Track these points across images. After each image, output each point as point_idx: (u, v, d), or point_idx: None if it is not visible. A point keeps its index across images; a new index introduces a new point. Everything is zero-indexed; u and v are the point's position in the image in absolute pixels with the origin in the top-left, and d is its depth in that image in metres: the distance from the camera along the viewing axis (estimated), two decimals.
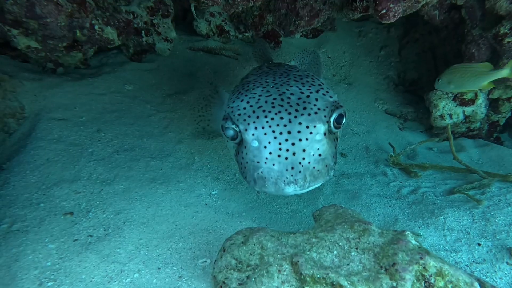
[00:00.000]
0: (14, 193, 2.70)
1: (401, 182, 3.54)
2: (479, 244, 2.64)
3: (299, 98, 1.94)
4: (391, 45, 6.20)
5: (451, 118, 4.62)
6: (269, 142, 1.83)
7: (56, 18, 3.48)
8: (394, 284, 1.50)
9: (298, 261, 1.61)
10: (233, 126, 1.95)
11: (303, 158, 1.81)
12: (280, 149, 1.81)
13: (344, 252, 1.71)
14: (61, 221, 2.51)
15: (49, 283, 2.06)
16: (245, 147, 1.94)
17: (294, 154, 1.80)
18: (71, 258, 2.23)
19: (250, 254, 1.87)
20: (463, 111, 4.61)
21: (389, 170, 3.78)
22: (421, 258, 1.55)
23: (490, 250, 2.57)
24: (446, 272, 1.54)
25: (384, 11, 3.22)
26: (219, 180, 3.30)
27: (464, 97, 4.53)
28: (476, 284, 1.52)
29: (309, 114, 1.88)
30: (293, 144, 1.81)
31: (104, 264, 2.21)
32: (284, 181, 1.79)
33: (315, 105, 1.93)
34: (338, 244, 1.75)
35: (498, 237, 2.68)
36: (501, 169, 4.01)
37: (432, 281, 1.53)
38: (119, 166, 3.14)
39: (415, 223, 2.90)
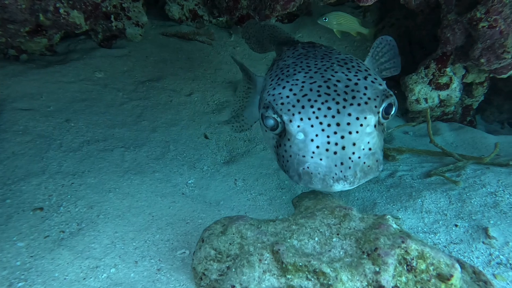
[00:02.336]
0: None
1: None
2: (456, 225, 2.68)
3: (347, 86, 1.76)
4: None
5: (426, 102, 4.66)
6: (317, 135, 1.67)
7: (15, 0, 3.25)
8: (377, 269, 1.47)
9: (279, 250, 1.57)
10: (275, 116, 1.77)
11: (353, 153, 1.66)
12: (328, 142, 1.66)
13: (326, 238, 1.68)
14: (30, 217, 2.38)
15: (20, 284, 1.95)
16: (288, 139, 1.76)
17: (343, 148, 1.65)
18: (42, 256, 2.11)
19: (230, 244, 1.81)
20: (438, 95, 4.66)
21: None
22: (403, 242, 1.53)
23: (467, 230, 2.61)
24: (428, 255, 1.53)
25: None
26: (196, 168, 3.22)
27: (439, 81, 4.57)
28: (457, 265, 1.52)
29: (359, 104, 1.71)
30: (342, 137, 1.65)
31: (78, 260, 2.11)
32: (333, 177, 1.64)
33: (364, 94, 1.75)
34: (319, 230, 1.71)
35: (474, 217, 2.73)
36: (474, 151, 4.09)
37: (414, 264, 1.52)
38: (91, 157, 3.00)
39: (394, 206, 2.92)
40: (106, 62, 4.31)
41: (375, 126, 1.75)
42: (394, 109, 1.86)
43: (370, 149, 1.72)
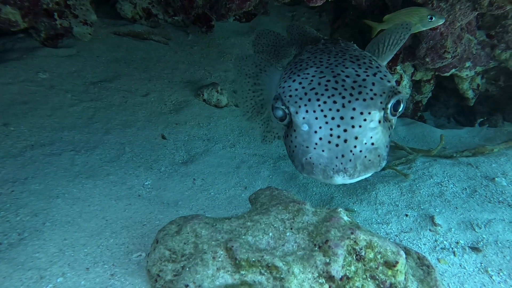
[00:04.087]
0: None
1: None
2: (406, 215, 2.81)
3: (355, 81, 1.80)
4: (323, 29, 6.34)
5: None
6: (320, 127, 1.72)
7: None
8: (327, 260, 1.51)
9: (232, 246, 1.57)
10: (283, 107, 1.84)
11: (355, 146, 1.69)
12: (331, 135, 1.70)
13: (280, 233, 1.70)
14: None
15: None
16: (294, 130, 1.83)
17: (345, 141, 1.69)
18: None
19: (184, 243, 1.79)
20: None
21: None
22: (352, 233, 1.58)
23: (416, 219, 2.75)
24: (375, 244, 1.59)
25: None
26: (153, 169, 3.15)
27: None
28: (402, 252, 1.59)
29: (364, 100, 1.75)
30: (345, 130, 1.70)
31: (18, 272, 1.96)
32: (333, 169, 1.67)
33: (371, 89, 1.78)
34: (273, 225, 1.73)
35: (422, 207, 2.88)
36: (424, 144, 4.31)
37: (363, 253, 1.57)
38: (36, 163, 2.84)
39: (350, 199, 3.01)
40: (51, 62, 4.08)
41: (379, 121, 1.78)
42: (402, 106, 1.88)
43: (372, 143, 1.74)
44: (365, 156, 1.70)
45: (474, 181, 3.20)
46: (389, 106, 1.81)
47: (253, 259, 1.52)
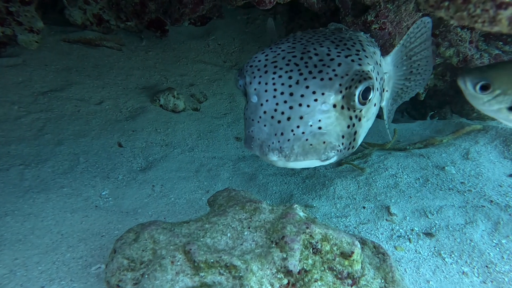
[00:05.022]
0: None
1: None
2: (364, 207, 2.91)
3: (321, 60, 1.67)
4: (278, 31, 6.43)
5: None
6: (267, 100, 1.63)
7: None
8: (285, 256, 1.54)
9: (190, 249, 1.56)
10: (240, 77, 1.77)
11: (298, 126, 1.57)
12: (275, 110, 1.59)
13: (238, 233, 1.71)
14: None
15: None
16: (247, 101, 1.75)
17: (288, 119, 1.57)
18: None
19: (143, 250, 1.75)
20: None
21: None
22: (307, 228, 1.62)
23: (373, 211, 2.85)
24: (331, 237, 1.64)
25: None
26: (110, 178, 3.07)
27: None
28: (356, 242, 1.64)
29: (321, 79, 1.61)
30: (291, 107, 1.58)
31: None
32: (269, 146, 1.57)
33: (333, 70, 1.64)
34: (231, 226, 1.74)
35: (378, 198, 2.99)
36: (379, 139, 4.48)
37: (319, 246, 1.61)
38: None
39: (309, 196, 3.07)
40: None
41: (334, 105, 1.63)
42: (372, 93, 1.73)
43: (320, 128, 1.60)
44: (307, 139, 1.57)
45: (426, 171, 3.37)
46: (355, 91, 1.65)
47: (212, 260, 1.52)
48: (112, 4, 4.93)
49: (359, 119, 1.76)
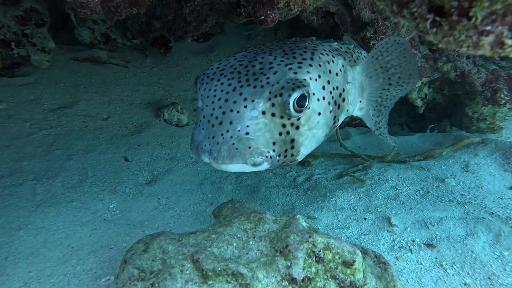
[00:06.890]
0: None
1: (296, 172, 3.80)
2: (365, 218, 2.98)
3: (261, 69, 1.78)
4: None
5: None
6: (207, 105, 1.78)
7: None
8: (289, 264, 1.61)
9: (198, 258, 1.64)
10: (195, 85, 1.94)
11: (227, 131, 1.68)
12: (211, 114, 1.74)
13: (243, 242, 1.79)
14: None
15: None
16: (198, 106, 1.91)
17: (220, 123, 1.70)
18: None
19: (152, 260, 1.83)
20: None
21: None
22: (310, 237, 1.69)
23: (374, 222, 2.92)
24: (333, 246, 1.71)
25: (262, 17, 3.42)
26: (117, 192, 3.15)
27: None
28: (358, 251, 1.72)
29: (254, 87, 1.72)
30: (223, 113, 1.71)
31: None
32: (202, 148, 1.72)
33: (267, 78, 1.73)
34: (236, 236, 1.82)
35: (379, 210, 3.06)
36: (379, 151, 4.56)
37: (322, 255, 1.69)
38: None
39: (311, 207, 3.14)
40: (7, 92, 4.01)
41: (263, 112, 1.70)
42: (307, 101, 1.76)
43: (247, 133, 1.68)
44: (233, 144, 1.66)
45: (426, 183, 3.43)
46: (288, 99, 1.70)
47: (219, 269, 1.60)
48: (119, 23, 5.10)
49: (297, 127, 1.80)
